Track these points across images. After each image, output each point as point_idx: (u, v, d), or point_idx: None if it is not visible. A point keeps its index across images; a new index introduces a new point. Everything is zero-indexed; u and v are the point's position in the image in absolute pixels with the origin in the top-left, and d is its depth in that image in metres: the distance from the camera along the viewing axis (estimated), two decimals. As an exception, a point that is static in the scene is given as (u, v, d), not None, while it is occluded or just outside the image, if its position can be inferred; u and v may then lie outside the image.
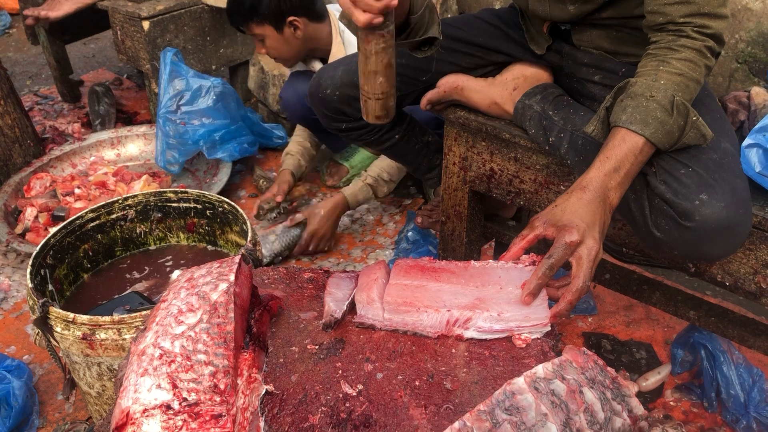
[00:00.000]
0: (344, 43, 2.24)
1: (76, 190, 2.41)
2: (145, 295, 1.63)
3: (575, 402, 0.86)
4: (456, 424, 0.82)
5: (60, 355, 1.46)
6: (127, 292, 1.64)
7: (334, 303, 1.11)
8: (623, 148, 1.13)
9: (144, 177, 2.45)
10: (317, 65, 2.36)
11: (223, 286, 1.01)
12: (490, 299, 1.08)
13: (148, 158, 2.75)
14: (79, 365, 1.42)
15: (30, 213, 2.29)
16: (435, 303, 1.07)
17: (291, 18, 2.16)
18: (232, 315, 0.97)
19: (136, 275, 1.72)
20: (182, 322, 0.96)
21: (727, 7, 1.18)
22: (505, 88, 1.54)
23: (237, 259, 1.07)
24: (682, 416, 1.65)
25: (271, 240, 2.20)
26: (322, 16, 2.25)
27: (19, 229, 2.26)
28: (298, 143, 2.55)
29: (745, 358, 1.66)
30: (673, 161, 1.18)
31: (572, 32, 1.46)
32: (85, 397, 1.53)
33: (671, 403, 1.69)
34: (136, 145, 2.78)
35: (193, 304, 0.99)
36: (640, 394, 1.70)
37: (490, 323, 1.05)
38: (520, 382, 0.86)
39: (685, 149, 1.19)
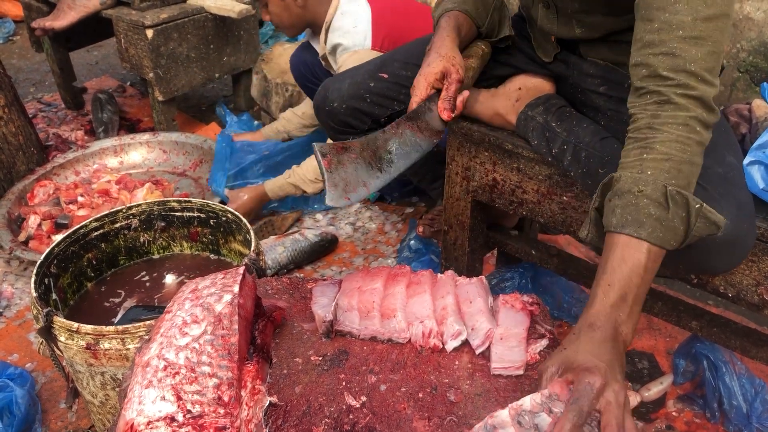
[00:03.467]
0: (342, 14, 2.22)
1: (80, 198, 2.42)
2: (147, 303, 1.64)
3: None
4: None
5: (63, 364, 1.47)
6: (126, 309, 1.63)
7: (321, 309, 1.12)
8: (625, 269, 0.99)
9: (147, 185, 2.45)
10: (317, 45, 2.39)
11: (227, 297, 1.01)
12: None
13: (150, 166, 2.76)
14: (83, 374, 1.42)
15: (33, 221, 2.29)
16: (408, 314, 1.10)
17: None
18: (236, 327, 0.97)
19: (139, 284, 1.73)
20: (187, 333, 0.97)
21: (716, 78, 1.06)
22: (508, 99, 1.54)
23: (241, 270, 1.07)
24: (684, 427, 1.65)
25: (279, 251, 2.20)
26: None
27: (22, 237, 2.26)
28: (296, 113, 2.73)
29: (748, 369, 1.66)
30: None
31: (580, 43, 1.46)
32: (88, 406, 1.54)
33: (674, 413, 1.68)
34: (139, 153, 2.78)
35: (198, 315, 0.99)
36: (642, 405, 1.70)
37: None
38: (503, 414, 0.84)
39: None
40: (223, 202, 2.34)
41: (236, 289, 1.02)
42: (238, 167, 2.51)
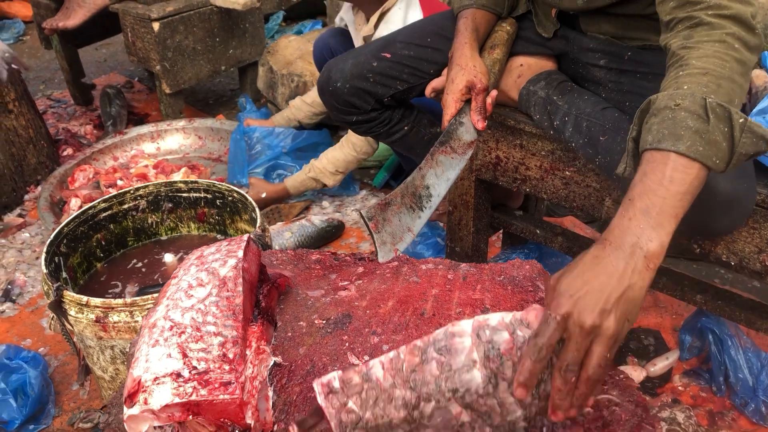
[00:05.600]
0: (399, 9, 2.11)
1: (119, 182, 2.47)
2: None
3: (510, 358, 0.83)
4: (391, 353, 0.82)
5: (74, 340, 1.49)
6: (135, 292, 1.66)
7: None
8: (650, 180, 0.87)
9: (183, 169, 2.49)
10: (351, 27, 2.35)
11: (232, 261, 1.03)
12: None
13: (186, 152, 2.83)
14: (93, 349, 1.44)
15: (75, 203, 2.35)
16: None
17: None
18: (240, 288, 0.99)
19: (148, 264, 1.75)
20: (192, 296, 0.99)
21: None
22: (510, 76, 1.55)
23: (245, 237, 1.09)
24: (690, 401, 1.65)
25: (286, 237, 2.21)
26: None
27: (64, 219, 2.30)
28: (305, 101, 2.73)
29: (753, 342, 1.66)
30: None
31: (580, 16, 1.47)
32: (99, 382, 1.56)
33: (680, 387, 1.69)
34: (175, 139, 2.84)
35: (203, 279, 1.01)
36: (648, 380, 1.70)
37: None
38: (465, 324, 0.83)
39: None
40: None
41: (240, 253, 1.04)
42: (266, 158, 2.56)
